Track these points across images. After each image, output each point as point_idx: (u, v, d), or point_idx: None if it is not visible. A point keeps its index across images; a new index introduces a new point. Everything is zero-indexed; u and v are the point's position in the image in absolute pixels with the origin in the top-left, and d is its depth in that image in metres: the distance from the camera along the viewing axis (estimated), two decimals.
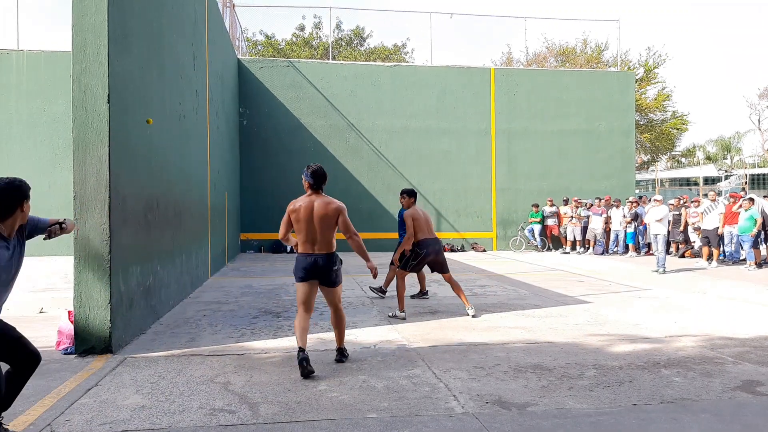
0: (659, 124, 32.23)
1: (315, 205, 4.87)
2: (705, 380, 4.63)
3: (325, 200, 4.91)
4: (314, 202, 4.88)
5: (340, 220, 4.91)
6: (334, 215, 4.89)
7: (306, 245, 4.91)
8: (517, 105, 18.94)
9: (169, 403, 4.08)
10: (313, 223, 4.85)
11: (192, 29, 9.75)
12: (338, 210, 4.91)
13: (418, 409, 3.99)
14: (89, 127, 5.35)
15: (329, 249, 4.94)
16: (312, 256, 4.89)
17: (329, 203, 4.91)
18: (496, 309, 7.85)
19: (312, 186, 4.96)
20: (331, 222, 4.89)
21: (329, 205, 4.89)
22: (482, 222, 18.72)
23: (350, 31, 34.32)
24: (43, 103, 15.99)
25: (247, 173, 17.71)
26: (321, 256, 4.89)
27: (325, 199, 4.93)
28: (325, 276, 4.95)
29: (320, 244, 4.89)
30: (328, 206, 4.88)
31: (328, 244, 4.93)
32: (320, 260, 4.89)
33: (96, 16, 5.37)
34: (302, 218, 4.87)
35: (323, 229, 4.87)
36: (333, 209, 4.89)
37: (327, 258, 4.92)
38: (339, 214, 4.90)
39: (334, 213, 4.88)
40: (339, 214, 4.90)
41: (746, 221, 12.55)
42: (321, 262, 4.89)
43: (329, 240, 4.93)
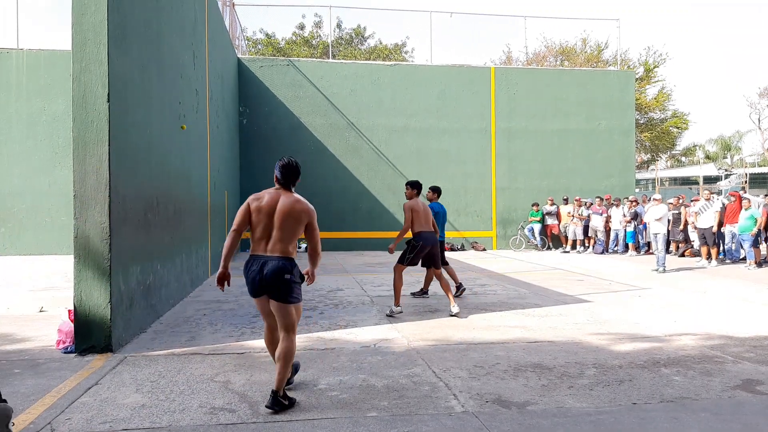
0: (659, 123, 32.23)
1: (281, 200, 4.15)
2: (705, 379, 4.63)
3: (295, 198, 4.19)
4: (281, 196, 4.17)
5: (309, 225, 4.15)
6: (301, 217, 4.11)
7: (259, 243, 4.09)
8: (517, 104, 18.93)
9: (170, 401, 4.08)
10: (273, 217, 4.07)
11: (192, 28, 9.75)
12: (308, 213, 4.14)
13: (418, 407, 3.99)
14: (89, 126, 5.35)
15: (285, 253, 4.06)
16: (261, 259, 4.03)
17: (298, 202, 4.15)
18: (496, 308, 7.85)
19: (280, 181, 4.24)
20: (294, 223, 4.09)
21: (298, 203, 4.13)
22: (482, 221, 18.72)
23: (351, 30, 34.31)
24: (43, 102, 15.98)
25: (247, 172, 17.70)
26: (272, 259, 4.01)
27: (294, 197, 4.20)
28: (273, 285, 3.99)
29: (275, 243, 4.05)
30: (295, 205, 4.12)
31: (284, 246, 4.07)
32: (270, 264, 3.98)
33: (96, 14, 5.37)
34: (264, 210, 4.11)
35: (283, 227, 4.06)
36: (301, 210, 4.11)
37: (279, 263, 4.00)
38: (308, 219, 4.14)
39: (301, 214, 4.10)
40: (308, 219, 4.14)
41: (746, 220, 12.56)
42: (270, 267, 3.97)
43: (287, 243, 4.08)
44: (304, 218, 4.13)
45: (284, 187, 4.24)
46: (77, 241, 5.33)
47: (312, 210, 4.17)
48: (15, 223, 15.75)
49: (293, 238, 4.10)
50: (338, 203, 17.99)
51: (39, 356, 5.29)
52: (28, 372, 4.79)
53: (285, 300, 4.03)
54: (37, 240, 15.75)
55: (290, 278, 4.00)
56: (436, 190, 9.07)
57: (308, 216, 4.15)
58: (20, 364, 5.04)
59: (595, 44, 31.17)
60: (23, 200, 15.78)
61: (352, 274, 11.72)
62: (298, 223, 4.10)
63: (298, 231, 4.12)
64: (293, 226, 4.09)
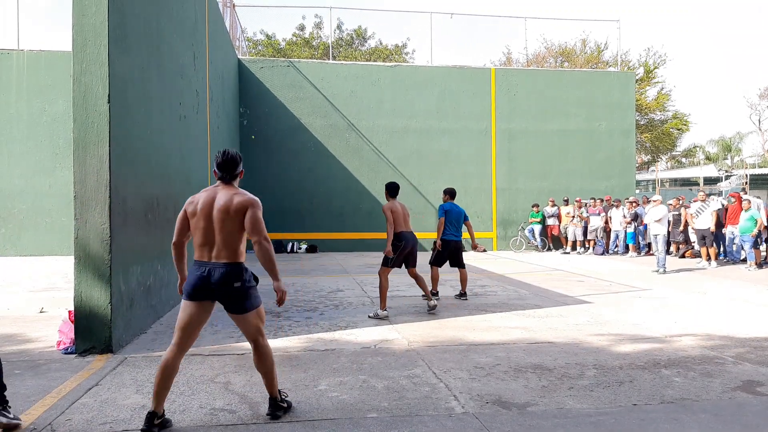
0: (660, 124, 32.23)
1: (218, 197, 3.69)
2: (705, 380, 4.63)
3: (234, 192, 3.71)
4: (218, 193, 3.72)
5: (247, 216, 3.65)
6: (241, 211, 3.64)
7: (202, 250, 3.67)
8: (517, 105, 18.94)
9: (170, 402, 4.08)
10: (211, 220, 3.64)
11: (192, 29, 9.75)
12: (246, 204, 3.66)
13: (419, 409, 3.99)
14: (89, 127, 5.35)
15: (232, 258, 3.64)
16: (206, 267, 3.62)
17: (237, 195, 3.69)
18: (497, 309, 7.85)
19: (218, 175, 3.79)
20: (236, 221, 3.64)
21: (237, 197, 3.67)
22: (482, 222, 18.72)
23: (352, 31, 34.33)
24: (44, 102, 15.99)
25: (248, 173, 17.69)
26: (218, 266, 3.61)
27: (234, 191, 3.73)
28: (224, 295, 3.63)
29: (219, 249, 3.63)
30: (233, 199, 3.66)
31: (231, 250, 3.64)
32: (216, 272, 3.60)
33: (96, 16, 5.38)
34: (200, 212, 3.66)
35: (225, 229, 3.62)
36: (240, 203, 3.65)
37: (227, 270, 3.61)
38: (247, 209, 3.66)
39: (240, 208, 3.64)
40: (247, 209, 3.66)
41: (747, 221, 12.55)
42: (217, 275, 3.59)
43: (233, 246, 3.65)
44: (243, 210, 3.65)
45: (224, 182, 3.78)
46: (77, 242, 5.34)
47: (254, 200, 3.70)
48: (15, 223, 15.75)
49: (239, 236, 3.67)
50: (339, 204, 17.99)
51: (39, 357, 5.29)
52: (29, 373, 4.79)
53: (242, 309, 3.68)
54: (37, 241, 15.75)
55: (241, 285, 3.63)
56: (448, 191, 9.03)
57: (246, 206, 3.65)
58: (20, 364, 5.04)
59: (595, 45, 31.21)
60: (23, 201, 15.78)
61: (352, 274, 11.72)
62: (239, 219, 3.64)
63: (242, 228, 3.66)
64: (236, 225, 3.64)
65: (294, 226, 17.83)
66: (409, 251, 7.73)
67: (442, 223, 8.63)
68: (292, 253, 17.38)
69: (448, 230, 8.65)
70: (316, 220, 17.89)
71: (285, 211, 17.75)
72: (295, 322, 6.94)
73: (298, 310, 7.76)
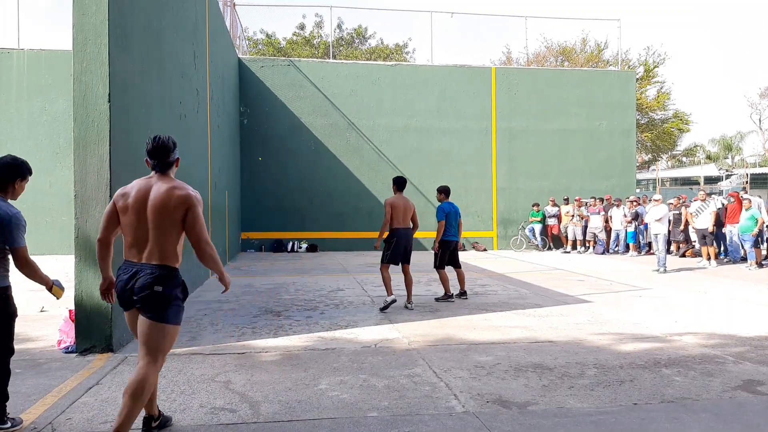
0: (660, 124, 32.22)
1: (154, 190, 3.23)
2: (706, 380, 4.63)
3: (171, 185, 3.25)
4: (152, 185, 3.26)
5: (189, 214, 3.20)
6: (180, 208, 3.19)
7: (132, 249, 3.24)
8: (517, 104, 18.93)
9: (170, 401, 4.08)
10: (144, 216, 3.19)
11: (192, 28, 9.75)
12: (186, 200, 3.20)
13: (419, 408, 3.99)
14: (90, 126, 5.35)
15: (163, 260, 3.20)
16: (133, 268, 3.20)
17: (175, 188, 3.23)
18: (497, 308, 7.85)
19: (151, 165, 3.34)
20: (173, 219, 3.19)
21: (175, 190, 3.21)
22: (483, 221, 18.72)
23: (352, 30, 34.31)
24: (44, 102, 16.00)
25: (248, 172, 17.71)
26: (146, 268, 3.18)
27: (171, 183, 3.27)
28: (144, 298, 3.15)
29: (151, 248, 3.19)
30: (172, 193, 3.20)
31: (163, 252, 3.20)
32: (142, 275, 3.16)
33: (96, 15, 5.37)
34: (132, 207, 3.22)
35: (160, 227, 3.18)
36: (180, 198, 3.19)
37: (154, 272, 3.16)
38: (188, 208, 3.20)
39: (179, 204, 3.19)
40: (188, 208, 3.20)
41: (747, 221, 12.55)
42: (142, 280, 3.15)
43: (167, 247, 3.20)
44: (184, 207, 3.19)
45: (159, 172, 3.33)
46: (78, 241, 5.34)
47: (193, 195, 3.24)
48: None
49: (175, 236, 3.23)
50: (339, 203, 18.00)
51: (40, 356, 5.29)
52: (29, 372, 4.79)
53: (156, 317, 3.17)
54: (37, 240, 15.71)
55: (162, 290, 3.15)
56: (443, 190, 8.91)
57: (186, 202, 3.20)
58: (21, 364, 5.04)
59: (595, 44, 31.19)
60: (24, 200, 15.57)
61: (352, 274, 11.72)
62: (178, 216, 3.20)
63: (180, 226, 3.22)
64: (173, 223, 3.20)
65: (294, 225, 17.83)
66: (403, 248, 7.85)
67: (442, 225, 8.56)
68: (292, 252, 17.39)
69: (447, 231, 8.63)
70: (316, 220, 17.89)
71: (285, 210, 17.75)
72: (295, 321, 6.94)
73: (298, 309, 7.76)
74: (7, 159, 3.71)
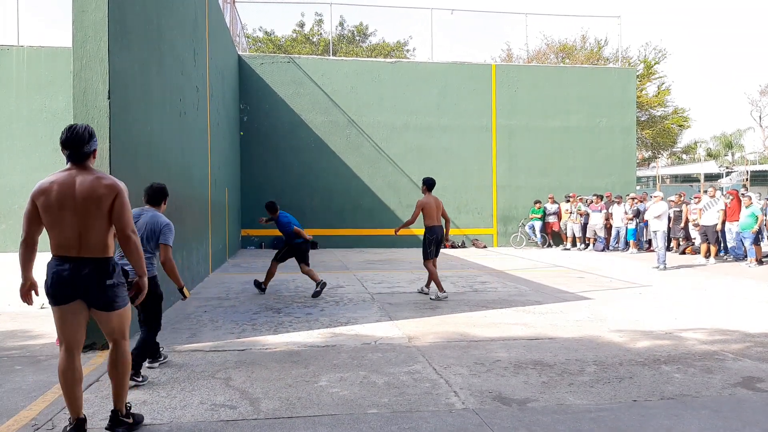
0: (660, 120, 32.19)
1: (77, 184, 3.15)
2: (705, 376, 4.63)
3: (95, 176, 3.20)
4: (75, 178, 3.18)
5: (116, 203, 3.19)
6: (108, 197, 3.17)
7: (62, 246, 3.19)
8: (518, 101, 18.91)
9: (170, 398, 4.09)
10: (74, 210, 3.14)
11: (192, 25, 9.74)
12: (115, 190, 3.19)
13: (419, 404, 4.00)
14: (90, 123, 5.33)
15: (102, 252, 3.22)
16: (69, 263, 3.18)
17: (99, 179, 3.18)
18: (497, 305, 7.85)
19: (68, 156, 3.23)
20: (102, 209, 3.15)
21: (102, 181, 3.18)
22: (483, 218, 18.72)
23: (353, 28, 34.25)
24: (44, 99, 15.98)
25: (248, 169, 17.70)
26: (86, 262, 3.19)
27: (94, 175, 3.21)
28: (90, 292, 3.21)
29: (83, 243, 3.18)
30: (98, 184, 3.16)
31: (99, 244, 3.21)
32: (83, 268, 3.19)
33: (96, 12, 5.37)
34: (56, 204, 3.13)
35: (90, 219, 3.15)
36: (107, 188, 3.17)
37: (96, 266, 3.21)
38: (116, 196, 3.18)
39: (107, 194, 3.16)
40: (116, 196, 3.18)
41: (747, 218, 12.55)
42: (85, 272, 3.19)
43: (102, 238, 3.21)
44: (111, 197, 3.17)
45: (75, 164, 3.22)
46: None
47: (118, 185, 3.23)
48: (16, 220, 15.76)
49: (108, 229, 3.22)
50: (339, 200, 17.99)
51: (40, 353, 5.30)
52: (30, 368, 4.80)
53: (110, 307, 3.29)
54: None
55: (113, 283, 3.27)
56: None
57: (113, 192, 3.18)
58: (21, 360, 5.05)
59: (595, 41, 31.15)
60: (24, 197, 15.66)
61: (353, 271, 11.72)
62: (105, 206, 3.17)
63: (108, 217, 3.20)
64: (103, 214, 3.18)
65: None
66: (436, 244, 8.47)
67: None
68: None
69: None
70: (316, 217, 17.88)
71: (285, 207, 17.61)
72: (295, 318, 6.95)
73: (298, 306, 7.77)
74: (161, 184, 5.04)
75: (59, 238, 3.19)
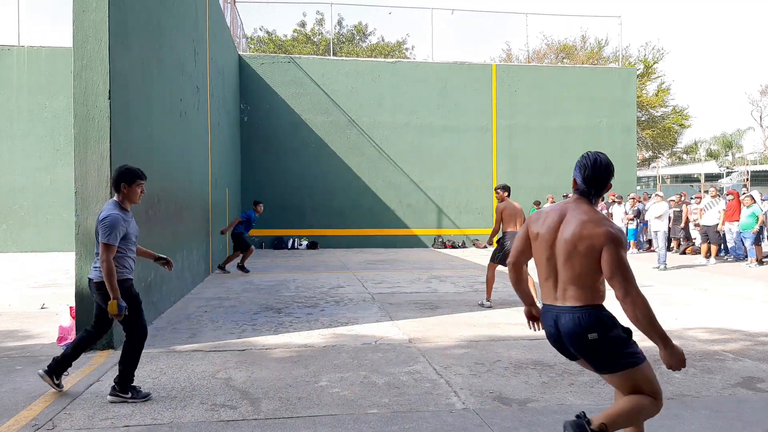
0: (660, 120, 32.19)
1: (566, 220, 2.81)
2: (705, 377, 4.63)
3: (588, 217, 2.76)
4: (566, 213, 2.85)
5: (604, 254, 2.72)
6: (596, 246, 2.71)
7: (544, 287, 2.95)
8: (518, 101, 18.91)
9: (171, 398, 4.09)
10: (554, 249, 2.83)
11: (193, 25, 9.74)
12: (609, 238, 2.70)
13: (419, 404, 3.99)
14: (90, 123, 5.35)
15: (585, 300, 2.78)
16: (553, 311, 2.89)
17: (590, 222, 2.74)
18: (497, 305, 7.85)
19: (579, 188, 2.89)
20: (583, 252, 2.73)
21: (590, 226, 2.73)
22: (483, 218, 18.72)
23: (352, 27, 34.26)
24: (44, 99, 15.99)
25: (248, 169, 17.71)
26: (564, 311, 2.83)
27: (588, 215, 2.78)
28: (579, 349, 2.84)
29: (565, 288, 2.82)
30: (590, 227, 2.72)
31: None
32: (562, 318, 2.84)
33: (97, 12, 5.37)
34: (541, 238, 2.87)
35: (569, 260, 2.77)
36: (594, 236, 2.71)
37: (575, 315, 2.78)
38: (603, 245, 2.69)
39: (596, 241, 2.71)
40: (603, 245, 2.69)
41: (748, 218, 12.55)
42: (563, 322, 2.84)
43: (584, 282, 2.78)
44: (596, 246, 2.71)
45: (583, 196, 2.89)
46: (78, 238, 5.34)
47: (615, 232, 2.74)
48: (16, 220, 15.77)
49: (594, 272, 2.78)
50: (339, 201, 18.00)
51: (40, 353, 5.30)
52: (30, 368, 4.80)
53: (606, 369, 2.92)
54: (38, 237, 15.77)
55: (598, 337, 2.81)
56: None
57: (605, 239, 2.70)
58: (22, 360, 5.05)
59: (595, 41, 31.16)
60: (25, 197, 15.79)
61: (353, 271, 11.72)
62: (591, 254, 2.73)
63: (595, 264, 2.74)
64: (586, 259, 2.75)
65: (295, 222, 17.83)
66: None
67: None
68: (292, 249, 17.40)
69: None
70: (317, 217, 17.89)
71: (286, 207, 17.75)
72: (296, 318, 6.95)
73: (298, 306, 7.77)
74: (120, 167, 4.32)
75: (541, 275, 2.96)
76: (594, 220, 2.74)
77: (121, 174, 4.12)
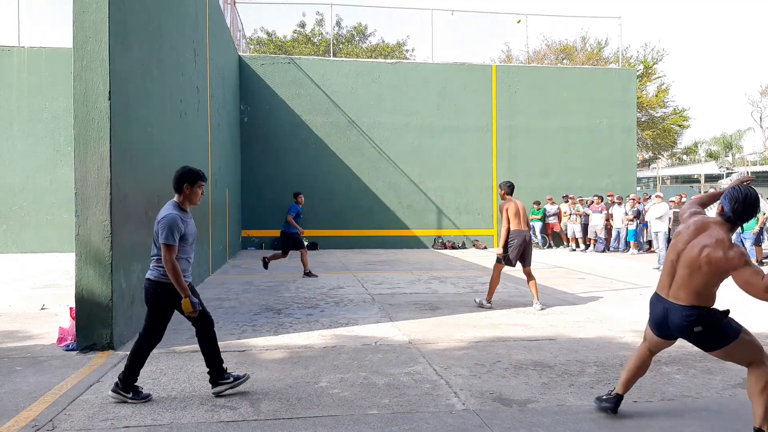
0: (660, 121, 32.19)
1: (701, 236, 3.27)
2: (706, 377, 4.63)
3: (717, 238, 3.20)
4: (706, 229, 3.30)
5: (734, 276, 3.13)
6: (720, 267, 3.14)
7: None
8: (518, 102, 18.91)
9: (171, 399, 4.09)
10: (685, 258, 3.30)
11: (193, 26, 9.74)
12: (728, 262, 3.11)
13: (419, 405, 3.99)
14: (90, 124, 5.35)
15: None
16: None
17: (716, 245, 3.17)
18: (497, 306, 7.85)
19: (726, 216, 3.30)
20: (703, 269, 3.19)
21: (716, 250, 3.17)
22: (483, 219, 18.72)
23: (352, 28, 34.26)
24: (44, 99, 15.98)
25: (248, 170, 17.71)
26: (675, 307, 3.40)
27: (719, 235, 3.21)
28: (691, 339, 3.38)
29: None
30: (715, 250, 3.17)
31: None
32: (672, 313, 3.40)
33: (97, 12, 5.37)
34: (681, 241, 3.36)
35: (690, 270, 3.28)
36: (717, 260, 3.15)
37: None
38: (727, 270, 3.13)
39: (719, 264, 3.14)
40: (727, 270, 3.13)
41: None
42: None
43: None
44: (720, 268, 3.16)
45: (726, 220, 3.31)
46: (79, 239, 5.34)
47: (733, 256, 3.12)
48: (16, 220, 15.76)
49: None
50: (339, 201, 18.00)
51: (40, 354, 5.30)
52: (30, 369, 4.80)
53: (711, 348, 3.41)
54: (38, 237, 15.77)
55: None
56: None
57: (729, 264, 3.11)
58: (22, 361, 5.05)
59: (595, 42, 31.15)
60: (25, 198, 15.79)
61: (353, 271, 11.72)
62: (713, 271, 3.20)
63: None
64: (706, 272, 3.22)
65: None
66: (522, 250, 7.73)
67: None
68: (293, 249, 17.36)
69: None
70: (317, 217, 17.88)
71: (285, 208, 17.67)
72: (296, 319, 6.95)
73: (299, 307, 7.76)
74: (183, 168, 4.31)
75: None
76: (723, 248, 3.14)
77: (184, 174, 4.12)
